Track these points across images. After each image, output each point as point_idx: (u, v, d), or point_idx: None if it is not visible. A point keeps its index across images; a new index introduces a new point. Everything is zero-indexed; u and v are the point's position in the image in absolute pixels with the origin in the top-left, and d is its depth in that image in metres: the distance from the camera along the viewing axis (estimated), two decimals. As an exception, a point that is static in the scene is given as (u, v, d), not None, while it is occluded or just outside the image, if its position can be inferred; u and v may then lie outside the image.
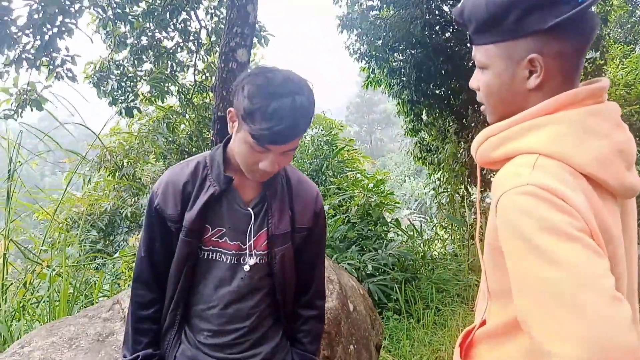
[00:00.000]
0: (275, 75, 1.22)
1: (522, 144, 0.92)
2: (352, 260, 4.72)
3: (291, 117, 1.19)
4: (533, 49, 0.92)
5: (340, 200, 6.00)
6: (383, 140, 50.98)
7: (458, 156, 8.37)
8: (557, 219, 0.80)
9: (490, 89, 1.02)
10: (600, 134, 0.90)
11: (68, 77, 5.60)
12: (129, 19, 6.36)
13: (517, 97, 0.98)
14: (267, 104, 1.18)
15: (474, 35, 1.01)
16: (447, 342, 3.82)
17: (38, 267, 3.57)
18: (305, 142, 8.12)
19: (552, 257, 0.78)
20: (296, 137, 1.25)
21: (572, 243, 0.78)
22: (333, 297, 2.26)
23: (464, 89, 7.97)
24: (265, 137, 1.20)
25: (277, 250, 1.41)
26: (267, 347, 1.47)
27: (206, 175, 1.40)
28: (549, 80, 0.94)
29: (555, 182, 0.83)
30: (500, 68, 0.98)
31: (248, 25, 4.36)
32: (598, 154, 0.88)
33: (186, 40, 7.12)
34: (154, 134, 7.26)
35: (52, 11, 4.77)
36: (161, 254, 1.44)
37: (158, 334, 1.48)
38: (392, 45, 7.57)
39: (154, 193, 1.43)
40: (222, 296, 1.41)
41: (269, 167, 1.28)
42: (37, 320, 3.13)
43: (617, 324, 0.73)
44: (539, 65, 0.93)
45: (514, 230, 0.84)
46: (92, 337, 2.00)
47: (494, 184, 0.93)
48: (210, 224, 1.40)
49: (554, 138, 0.89)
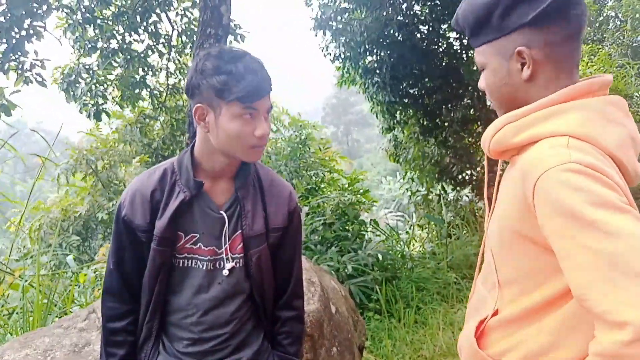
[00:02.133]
0: (221, 48, 1.30)
1: (546, 128, 0.96)
2: (331, 261, 4.72)
3: (259, 69, 1.27)
4: (520, 43, 0.99)
5: (318, 201, 6.00)
6: (359, 141, 51.19)
7: (427, 155, 8.45)
8: (606, 193, 0.83)
9: (491, 87, 1.08)
10: (617, 122, 0.96)
11: (37, 81, 5.46)
12: (98, 22, 6.22)
13: (517, 90, 1.04)
14: (235, 67, 1.23)
15: (471, 40, 1.08)
16: (428, 340, 3.85)
17: (10, 278, 3.47)
18: (280, 144, 8.11)
19: (608, 229, 0.80)
20: (270, 88, 1.31)
21: (624, 214, 0.81)
22: (315, 299, 2.24)
23: (438, 88, 8.06)
24: (251, 92, 1.24)
25: (253, 252, 1.39)
26: (249, 351, 1.45)
27: (175, 182, 1.37)
28: (540, 69, 1.00)
29: (595, 160, 0.87)
30: (496, 65, 1.04)
31: (222, 26, 4.32)
32: (618, 138, 0.94)
33: (157, 43, 7.01)
34: (131, 136, 7.15)
35: (19, 13, 4.64)
36: (131, 265, 1.41)
37: (134, 345, 1.44)
38: (366, 46, 7.61)
39: (121, 204, 1.40)
40: (201, 303, 1.39)
41: (265, 128, 1.30)
42: (9, 333, 3.04)
43: None
44: (527, 57, 0.99)
45: (563, 207, 0.85)
46: (67, 348, 1.94)
47: (524, 167, 0.95)
48: (183, 230, 1.38)
49: (582, 122, 0.93)
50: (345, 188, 6.18)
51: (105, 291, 1.44)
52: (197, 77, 1.27)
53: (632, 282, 0.77)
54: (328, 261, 4.71)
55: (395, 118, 8.68)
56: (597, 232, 0.81)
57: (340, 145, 43.46)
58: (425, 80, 8.07)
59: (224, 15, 4.32)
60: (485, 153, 1.14)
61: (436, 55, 7.93)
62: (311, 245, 5.08)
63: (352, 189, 6.35)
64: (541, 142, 0.96)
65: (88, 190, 7.17)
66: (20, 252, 5.95)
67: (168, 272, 1.38)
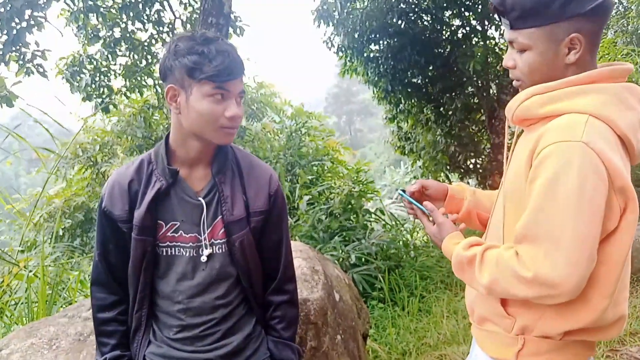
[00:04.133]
0: (193, 33, 1.30)
1: (571, 105, 1.08)
2: (335, 250, 4.72)
3: (231, 52, 1.28)
4: (573, 29, 1.08)
5: (319, 190, 5.98)
6: (362, 131, 51.01)
7: (437, 144, 8.42)
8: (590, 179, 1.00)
9: (532, 67, 1.16)
10: (630, 106, 1.09)
11: (39, 72, 5.45)
12: (100, 11, 6.19)
13: (556, 71, 1.14)
14: (206, 48, 1.25)
15: (516, 21, 1.14)
16: (432, 328, 3.85)
17: (15, 269, 3.48)
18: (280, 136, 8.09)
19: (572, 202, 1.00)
20: (242, 71, 1.32)
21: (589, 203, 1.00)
22: (319, 287, 2.24)
23: (441, 77, 8.00)
24: (222, 72, 1.25)
25: (236, 237, 1.40)
26: (239, 336, 1.46)
27: (152, 171, 1.39)
28: (584, 54, 1.12)
29: (602, 144, 1.02)
30: (543, 48, 1.13)
31: (223, 15, 4.29)
32: (630, 122, 1.08)
33: (160, 32, 6.98)
34: (131, 128, 7.13)
35: (19, 4, 4.61)
36: (116, 256, 1.42)
37: (126, 335, 1.46)
38: (368, 35, 7.55)
39: (102, 195, 1.42)
40: (186, 290, 1.39)
41: (236, 110, 1.30)
42: (15, 323, 3.05)
43: (579, 271, 1.00)
44: (578, 43, 1.09)
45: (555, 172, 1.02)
46: (72, 337, 1.95)
47: (543, 132, 1.08)
48: (163, 219, 1.38)
49: (602, 104, 1.06)
50: (353, 178, 6.15)
51: (93, 282, 1.46)
52: (170, 58, 1.28)
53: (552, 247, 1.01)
54: (332, 250, 4.72)
55: (398, 107, 8.64)
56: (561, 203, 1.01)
57: (343, 135, 43.34)
58: (428, 68, 8.02)
59: (225, 4, 4.29)
60: (507, 120, 1.26)
61: (439, 43, 7.87)
62: (315, 235, 5.08)
63: (357, 180, 6.32)
64: (564, 116, 1.08)
65: (88, 182, 7.19)
66: (25, 244, 5.98)
67: (152, 261, 1.39)
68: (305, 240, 4.85)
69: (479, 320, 1.29)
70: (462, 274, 1.21)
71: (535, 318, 1.15)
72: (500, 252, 1.12)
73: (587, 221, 1.00)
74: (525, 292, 1.05)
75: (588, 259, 1.01)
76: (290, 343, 1.53)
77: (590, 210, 1.00)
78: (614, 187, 1.02)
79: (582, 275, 1.01)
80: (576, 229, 0.99)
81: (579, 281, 1.01)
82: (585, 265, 1.01)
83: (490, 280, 1.11)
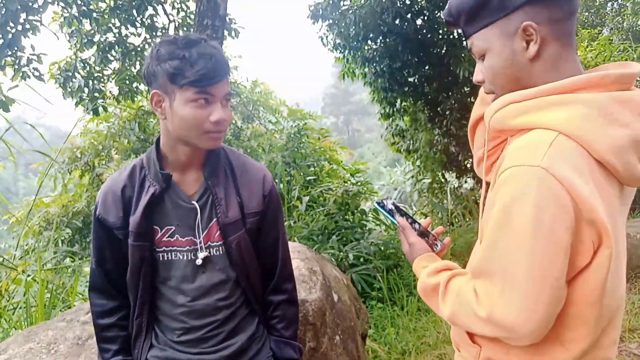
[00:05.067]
0: (176, 36, 1.28)
1: (542, 118, 0.93)
2: (333, 250, 4.72)
3: (214, 54, 1.25)
4: (525, 19, 0.95)
5: (319, 191, 5.98)
6: (360, 131, 51.04)
7: (434, 143, 8.43)
8: (548, 210, 0.86)
9: (494, 71, 1.03)
10: (620, 122, 0.90)
11: (35, 76, 5.44)
12: (94, 16, 6.18)
13: (522, 71, 0.99)
14: (189, 52, 1.22)
15: (467, 27, 1.04)
16: (431, 327, 3.85)
17: (13, 273, 3.47)
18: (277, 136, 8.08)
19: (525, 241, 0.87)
20: (227, 73, 1.29)
21: (548, 238, 0.86)
22: (317, 288, 2.24)
23: (437, 76, 8.01)
24: (204, 76, 1.22)
25: (232, 239, 1.40)
26: (242, 337, 1.46)
27: (144, 177, 1.38)
28: (546, 46, 0.96)
29: (566, 169, 0.86)
30: (499, 46, 1.00)
31: (218, 17, 4.29)
32: (615, 142, 0.89)
33: (154, 36, 6.97)
34: (127, 131, 7.12)
35: (14, 8, 4.61)
36: (113, 263, 1.42)
37: (127, 340, 1.46)
38: (364, 34, 7.56)
39: (96, 203, 1.42)
40: (187, 293, 1.40)
41: (221, 114, 1.27)
42: (14, 327, 3.05)
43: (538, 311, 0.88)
44: (533, 32, 0.95)
45: (508, 202, 0.90)
46: (71, 341, 1.95)
47: (507, 153, 0.96)
48: (158, 224, 1.38)
49: (577, 119, 0.90)
50: (348, 179, 6.14)
51: (91, 289, 1.46)
52: (153, 64, 1.26)
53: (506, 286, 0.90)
54: (329, 250, 4.71)
55: (394, 106, 8.65)
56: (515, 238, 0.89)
57: (340, 135, 43.36)
58: (424, 68, 8.02)
59: (220, 6, 4.29)
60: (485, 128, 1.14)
61: (434, 42, 7.87)
62: (313, 237, 5.08)
63: (355, 181, 6.31)
64: (533, 131, 0.94)
65: (86, 187, 7.17)
66: (23, 249, 5.97)
67: (150, 267, 1.39)
68: (304, 242, 4.85)
69: (455, 344, 1.24)
70: (428, 300, 1.15)
71: (503, 352, 1.04)
72: (461, 285, 1.04)
73: (545, 258, 0.86)
74: (482, 331, 0.96)
75: (548, 302, 0.88)
76: (291, 341, 1.53)
77: (548, 245, 0.86)
78: (583, 218, 0.86)
79: (541, 319, 0.88)
80: (531, 268, 0.87)
81: (538, 326, 0.88)
82: (544, 308, 0.87)
83: (451, 312, 1.03)
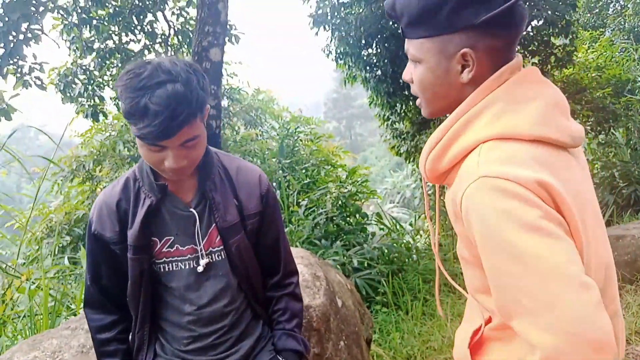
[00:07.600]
0: (144, 69, 1.13)
1: (466, 139, 0.91)
2: (337, 256, 4.71)
3: (166, 108, 1.10)
4: (465, 44, 0.91)
5: (316, 195, 5.98)
6: (363, 135, 51.05)
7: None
8: (511, 208, 0.80)
9: (423, 83, 1.00)
10: (530, 97, 0.90)
11: (36, 85, 5.47)
12: (94, 23, 6.21)
13: (451, 91, 0.97)
14: (137, 101, 1.10)
15: (407, 29, 0.98)
16: (436, 332, 3.83)
17: (17, 281, 3.47)
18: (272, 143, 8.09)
19: (513, 251, 0.79)
20: (182, 127, 1.14)
21: (530, 234, 0.78)
22: (320, 293, 2.23)
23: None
24: (149, 134, 1.12)
25: (232, 243, 1.39)
26: (250, 341, 1.46)
27: (139, 189, 1.36)
28: (481, 73, 0.93)
29: (503, 166, 0.83)
30: (434, 62, 0.96)
31: (220, 23, 4.30)
32: (536, 114, 0.88)
33: (153, 43, 7.00)
34: (124, 140, 7.14)
35: (15, 17, 4.63)
36: (109, 279, 1.40)
37: (128, 353, 1.44)
38: (365, 39, 7.57)
39: (91, 219, 1.39)
40: (193, 301, 1.38)
41: (174, 164, 1.20)
42: (19, 336, 3.05)
43: (587, 311, 0.75)
44: (471, 60, 0.92)
45: (481, 233, 0.84)
46: (75, 350, 1.94)
47: (451, 188, 0.94)
48: (157, 235, 1.36)
49: (492, 120, 0.89)
50: (343, 180, 6.13)
51: (86, 304, 1.44)
52: (118, 89, 1.17)
53: (539, 307, 0.77)
54: (333, 256, 4.71)
55: (395, 110, 8.65)
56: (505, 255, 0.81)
57: (343, 139, 43.37)
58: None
59: (221, 12, 4.31)
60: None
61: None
62: (315, 240, 5.07)
63: (352, 181, 6.30)
64: (468, 156, 0.91)
65: (88, 194, 7.19)
66: (26, 257, 5.97)
67: (151, 280, 1.37)
68: (306, 247, 4.84)
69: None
70: None
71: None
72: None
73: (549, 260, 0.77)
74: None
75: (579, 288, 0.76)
76: (294, 333, 1.51)
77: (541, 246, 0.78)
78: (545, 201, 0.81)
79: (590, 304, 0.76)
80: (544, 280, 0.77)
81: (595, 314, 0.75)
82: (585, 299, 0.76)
83: None
